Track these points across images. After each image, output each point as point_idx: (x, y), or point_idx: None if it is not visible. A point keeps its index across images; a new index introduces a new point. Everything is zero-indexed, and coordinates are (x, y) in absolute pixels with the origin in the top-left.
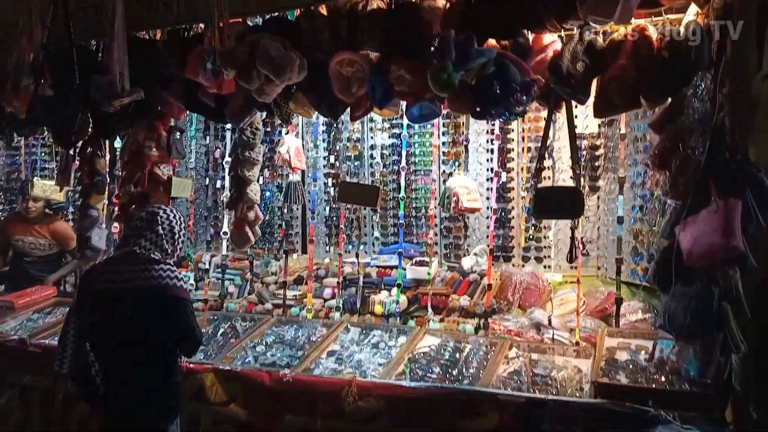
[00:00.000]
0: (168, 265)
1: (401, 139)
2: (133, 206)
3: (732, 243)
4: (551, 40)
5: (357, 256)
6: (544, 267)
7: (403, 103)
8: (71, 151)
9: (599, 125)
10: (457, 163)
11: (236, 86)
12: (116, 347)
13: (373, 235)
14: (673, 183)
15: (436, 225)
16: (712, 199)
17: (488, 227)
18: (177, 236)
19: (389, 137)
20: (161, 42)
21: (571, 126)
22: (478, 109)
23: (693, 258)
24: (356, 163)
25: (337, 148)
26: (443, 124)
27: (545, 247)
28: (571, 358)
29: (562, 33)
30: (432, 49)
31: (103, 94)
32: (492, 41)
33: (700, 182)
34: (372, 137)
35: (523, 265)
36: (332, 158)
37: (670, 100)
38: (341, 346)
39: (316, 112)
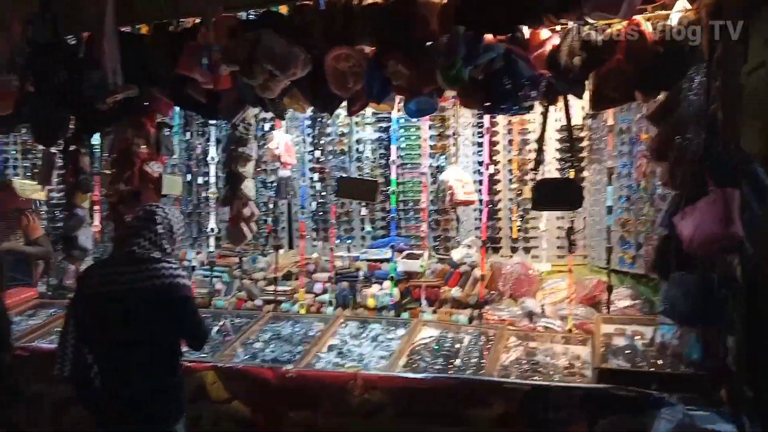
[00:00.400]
0: (169, 263)
1: (389, 134)
2: (122, 205)
3: (732, 230)
4: (548, 36)
5: (349, 250)
6: (532, 257)
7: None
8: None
9: (583, 117)
10: (443, 156)
11: (231, 82)
12: (119, 349)
13: (364, 229)
14: (671, 174)
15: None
16: (711, 189)
17: (476, 219)
18: (176, 234)
19: (375, 131)
20: (149, 37)
21: (568, 120)
22: (488, 104)
23: (694, 245)
24: (342, 158)
25: (322, 142)
26: (430, 117)
27: (533, 237)
28: (569, 345)
29: (558, 28)
30: (429, 44)
31: (95, 90)
32: (489, 36)
33: (697, 173)
34: (358, 131)
35: (511, 256)
36: (318, 153)
37: (666, 93)
38: (341, 341)
39: (311, 107)
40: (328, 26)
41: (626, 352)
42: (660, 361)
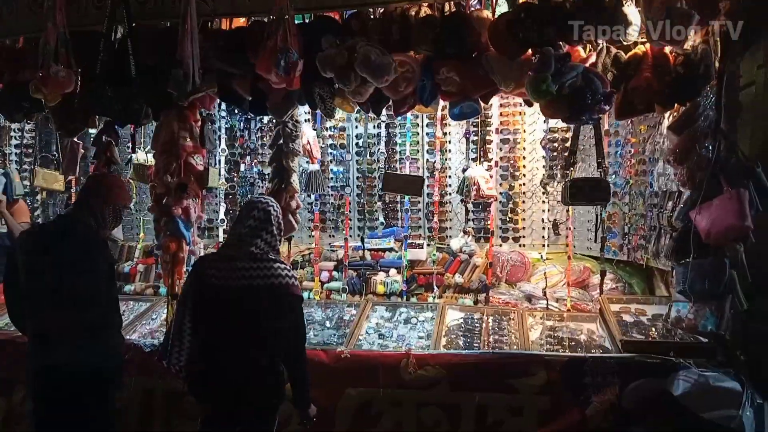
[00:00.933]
0: (284, 264)
1: (388, 130)
2: (168, 197)
3: (746, 223)
4: (588, 53)
5: (362, 240)
6: (520, 246)
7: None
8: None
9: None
10: (440, 152)
11: (302, 84)
12: (232, 338)
13: (365, 220)
14: (689, 176)
15: (420, 210)
16: (725, 189)
17: (468, 212)
18: (281, 231)
19: (374, 127)
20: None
21: (598, 129)
22: (568, 115)
23: (711, 236)
24: (341, 151)
25: (322, 135)
26: (428, 116)
27: (522, 228)
28: (580, 322)
29: (588, 46)
30: (483, 55)
31: (178, 87)
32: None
33: (712, 176)
34: (357, 126)
35: (500, 245)
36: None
37: (686, 107)
38: (376, 324)
39: (357, 107)
40: (385, 33)
41: (637, 326)
42: (665, 332)
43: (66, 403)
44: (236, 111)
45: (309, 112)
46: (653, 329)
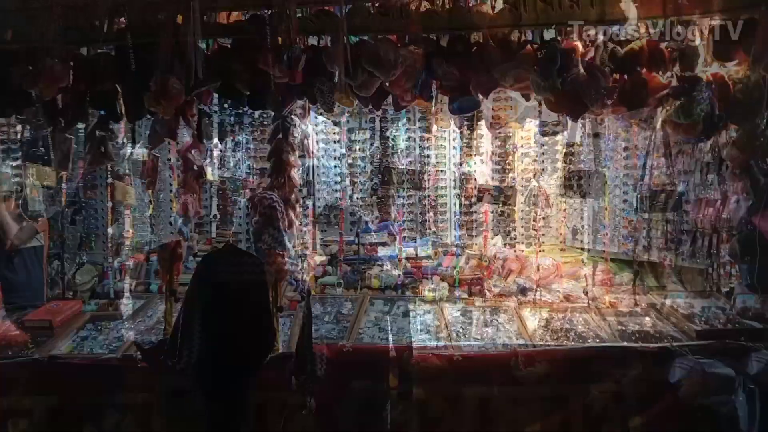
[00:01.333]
0: (291, 260)
1: (381, 125)
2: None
3: None
4: (584, 49)
5: (357, 236)
6: (512, 239)
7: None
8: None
9: (558, 116)
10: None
11: (303, 78)
12: (238, 333)
13: (373, 214)
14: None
15: (413, 204)
16: None
17: (462, 206)
18: (286, 225)
19: (366, 122)
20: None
21: (594, 123)
22: (572, 109)
23: None
24: (335, 146)
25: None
26: (420, 111)
27: (512, 222)
28: (576, 313)
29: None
30: (483, 50)
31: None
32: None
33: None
34: (349, 121)
35: (493, 238)
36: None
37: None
38: (375, 317)
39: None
40: (385, 28)
41: (632, 316)
42: (659, 321)
43: None
44: (226, 105)
45: (302, 107)
46: (647, 318)
